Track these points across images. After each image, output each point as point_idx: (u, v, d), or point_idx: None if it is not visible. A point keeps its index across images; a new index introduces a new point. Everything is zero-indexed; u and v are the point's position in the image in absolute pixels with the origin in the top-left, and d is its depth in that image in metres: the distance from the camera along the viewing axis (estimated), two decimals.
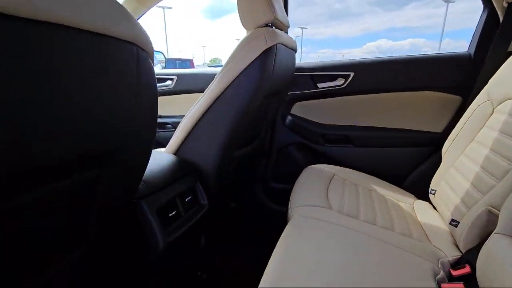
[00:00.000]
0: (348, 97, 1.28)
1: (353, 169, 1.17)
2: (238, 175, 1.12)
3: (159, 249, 0.62)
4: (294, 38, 1.04)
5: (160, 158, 0.78)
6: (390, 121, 1.25)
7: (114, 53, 0.36)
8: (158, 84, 1.64)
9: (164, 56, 1.92)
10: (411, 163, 1.22)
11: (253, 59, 0.75)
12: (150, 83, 0.45)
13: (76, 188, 0.43)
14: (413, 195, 1.07)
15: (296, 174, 1.10)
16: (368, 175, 1.15)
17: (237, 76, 0.76)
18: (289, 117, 1.35)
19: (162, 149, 0.90)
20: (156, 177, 0.69)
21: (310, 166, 1.14)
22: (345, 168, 1.15)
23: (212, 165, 0.84)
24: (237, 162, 1.00)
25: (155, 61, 1.84)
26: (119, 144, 0.43)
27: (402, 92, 1.21)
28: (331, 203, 0.84)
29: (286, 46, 0.89)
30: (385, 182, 1.13)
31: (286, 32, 0.98)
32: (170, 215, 0.69)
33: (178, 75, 1.58)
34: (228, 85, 0.77)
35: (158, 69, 1.91)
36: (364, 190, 0.99)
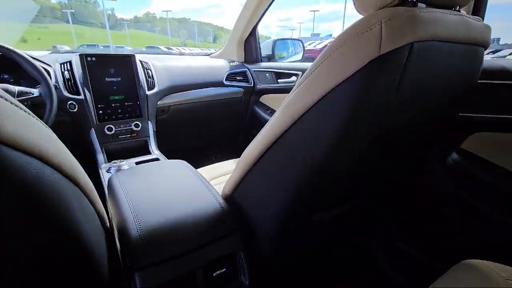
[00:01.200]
0: None
1: None
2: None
3: None
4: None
5: (195, 206, 0.57)
6: None
7: None
8: (282, 80, 1.43)
9: (303, 46, 1.66)
10: None
11: (345, 77, 0.38)
12: None
13: None
14: None
15: (442, 249, 0.61)
16: None
17: (311, 107, 0.42)
18: (455, 155, 0.79)
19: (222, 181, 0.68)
20: (172, 237, 0.50)
21: (475, 260, 0.58)
22: None
23: (267, 227, 0.56)
24: (321, 228, 0.65)
25: (298, 49, 1.61)
26: None
27: None
28: None
29: (449, 42, 0.43)
30: None
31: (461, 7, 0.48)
32: None
33: (303, 70, 1.30)
34: (298, 119, 0.44)
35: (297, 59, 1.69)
36: None
